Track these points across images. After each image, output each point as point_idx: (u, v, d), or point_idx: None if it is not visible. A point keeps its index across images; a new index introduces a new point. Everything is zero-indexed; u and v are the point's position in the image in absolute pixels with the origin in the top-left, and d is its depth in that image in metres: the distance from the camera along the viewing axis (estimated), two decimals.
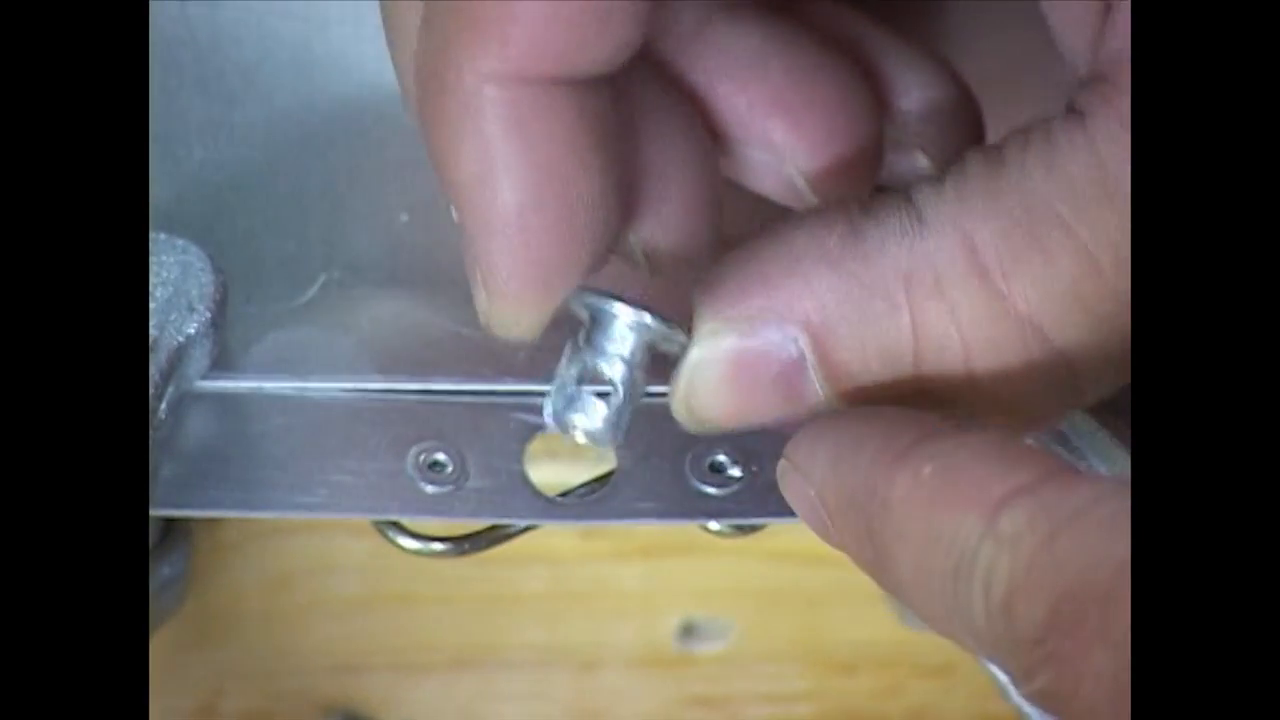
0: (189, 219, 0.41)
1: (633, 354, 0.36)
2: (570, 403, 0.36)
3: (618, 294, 0.35)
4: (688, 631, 0.53)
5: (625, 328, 0.35)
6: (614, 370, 0.36)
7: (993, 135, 0.40)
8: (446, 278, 0.41)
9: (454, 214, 0.34)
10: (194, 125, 0.42)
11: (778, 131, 0.37)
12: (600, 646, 0.52)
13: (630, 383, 0.36)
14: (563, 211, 0.33)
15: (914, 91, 0.38)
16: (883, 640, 0.53)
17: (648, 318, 0.35)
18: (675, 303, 0.35)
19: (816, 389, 0.34)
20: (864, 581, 0.51)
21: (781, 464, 0.34)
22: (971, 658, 0.48)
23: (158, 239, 0.39)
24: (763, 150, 0.37)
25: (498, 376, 0.41)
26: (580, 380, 0.36)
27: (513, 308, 0.34)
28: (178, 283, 0.38)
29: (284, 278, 0.41)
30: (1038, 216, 0.32)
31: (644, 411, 0.36)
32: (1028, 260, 0.32)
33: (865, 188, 0.37)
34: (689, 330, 0.35)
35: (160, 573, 0.43)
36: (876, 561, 0.32)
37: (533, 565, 0.51)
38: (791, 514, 0.40)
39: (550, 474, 0.41)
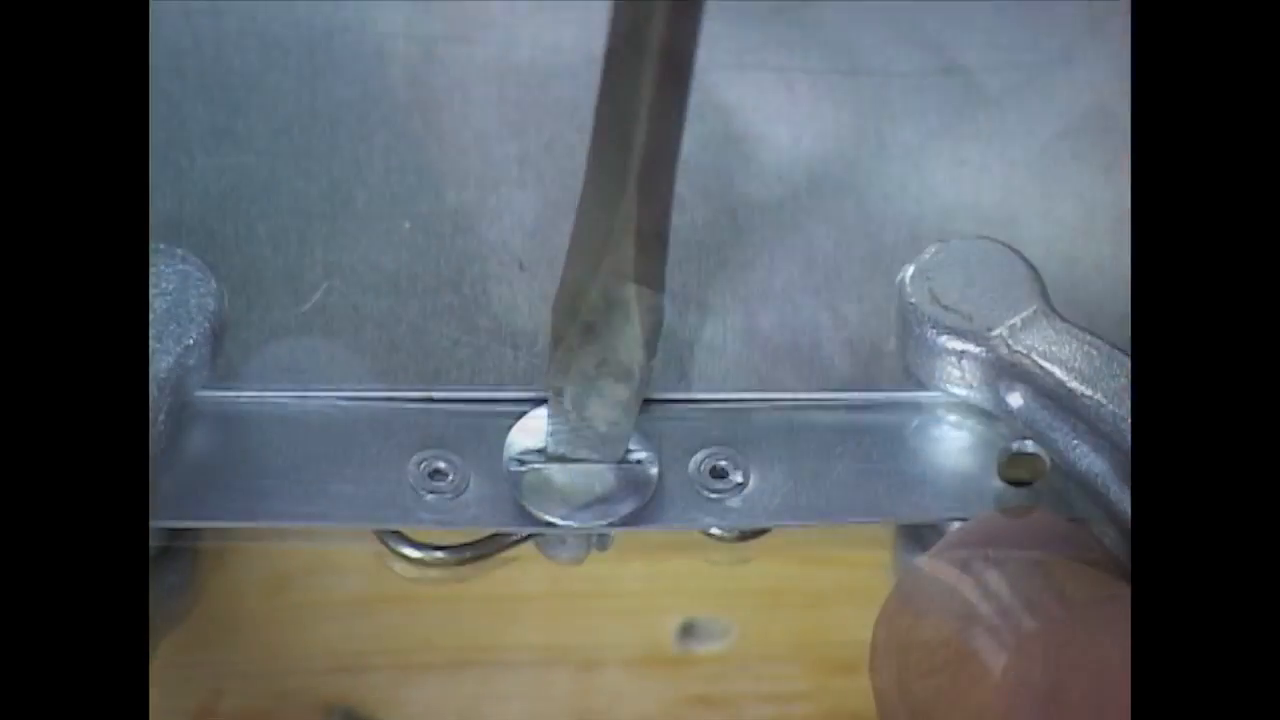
0: (191, 226, 0.41)
1: None
2: None
3: None
4: (688, 631, 0.53)
5: None
6: None
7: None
8: (448, 286, 0.41)
9: None
10: (196, 133, 0.42)
11: None
12: (600, 646, 0.52)
13: None
14: None
15: None
16: None
17: None
18: None
19: None
20: (864, 581, 0.52)
21: None
22: None
23: (157, 249, 0.39)
24: None
25: (498, 385, 0.41)
26: None
27: None
28: (177, 293, 0.38)
29: (285, 286, 0.41)
30: None
31: (646, 416, 0.36)
32: None
33: None
34: None
35: (166, 580, 0.43)
36: None
37: (533, 565, 0.51)
38: (792, 519, 0.40)
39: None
